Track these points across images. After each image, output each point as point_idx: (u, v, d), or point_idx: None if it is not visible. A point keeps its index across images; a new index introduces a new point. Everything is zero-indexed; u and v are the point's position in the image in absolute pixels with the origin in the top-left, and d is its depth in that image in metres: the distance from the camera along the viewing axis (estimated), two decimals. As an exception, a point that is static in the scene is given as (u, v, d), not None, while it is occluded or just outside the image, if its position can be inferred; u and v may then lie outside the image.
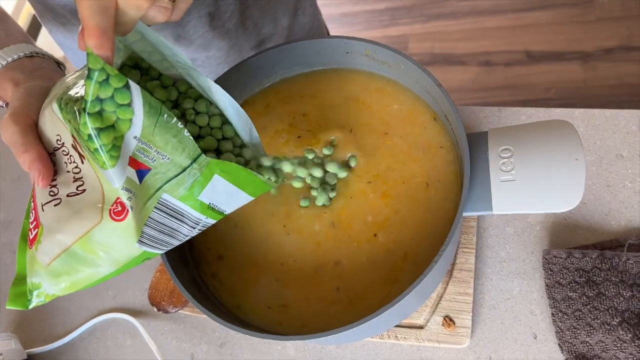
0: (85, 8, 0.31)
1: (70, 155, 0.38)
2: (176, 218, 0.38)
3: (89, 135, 0.34)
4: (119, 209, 0.36)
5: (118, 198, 0.36)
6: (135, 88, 0.34)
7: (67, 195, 0.38)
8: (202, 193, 0.38)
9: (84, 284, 0.39)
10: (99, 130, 0.34)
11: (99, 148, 0.34)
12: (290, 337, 0.41)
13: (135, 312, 0.64)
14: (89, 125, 0.33)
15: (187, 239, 0.40)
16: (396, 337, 0.54)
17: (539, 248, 0.56)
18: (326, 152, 0.50)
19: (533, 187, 0.41)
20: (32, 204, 0.41)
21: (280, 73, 0.55)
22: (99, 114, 0.33)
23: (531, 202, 0.41)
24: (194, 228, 0.40)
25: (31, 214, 0.41)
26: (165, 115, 0.36)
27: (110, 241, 0.37)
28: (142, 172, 0.36)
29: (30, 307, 0.40)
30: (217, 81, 0.52)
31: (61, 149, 0.39)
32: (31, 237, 0.40)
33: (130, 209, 0.36)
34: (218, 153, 0.42)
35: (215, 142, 0.43)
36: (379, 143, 0.50)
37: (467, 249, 0.56)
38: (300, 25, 0.74)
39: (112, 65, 0.33)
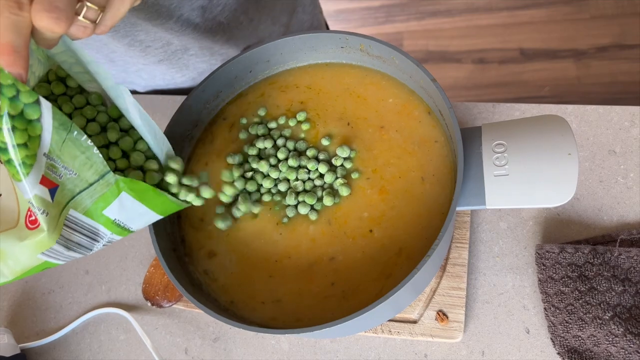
0: None
1: None
2: (81, 233, 0.38)
3: (1, 149, 0.33)
4: (33, 217, 0.36)
5: (29, 208, 0.36)
6: (45, 104, 0.34)
7: None
8: (108, 208, 0.39)
9: None
10: (13, 146, 0.33)
11: (13, 159, 0.34)
12: (284, 331, 0.41)
13: (128, 307, 0.64)
14: (0, 139, 0.33)
15: (90, 252, 0.40)
16: (390, 331, 0.54)
17: (532, 243, 0.56)
18: (325, 142, 0.50)
19: (526, 182, 0.42)
20: None
21: (276, 67, 0.55)
22: (11, 130, 0.33)
23: (524, 196, 0.42)
24: (99, 242, 0.40)
25: None
26: (75, 132, 0.36)
27: (13, 250, 0.36)
28: (53, 190, 0.37)
29: None
30: (212, 76, 0.52)
31: None
32: None
33: (41, 222, 0.36)
34: (143, 171, 0.43)
35: (143, 160, 0.43)
36: (376, 137, 0.50)
37: (460, 244, 0.56)
38: (299, 22, 0.74)
39: (26, 82, 0.32)
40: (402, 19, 1.77)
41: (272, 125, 0.52)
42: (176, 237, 0.51)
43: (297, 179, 0.49)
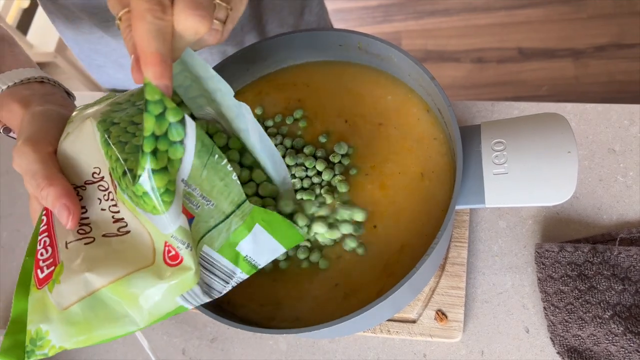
0: (143, 33, 0.28)
1: (110, 192, 0.34)
2: (213, 273, 0.34)
3: (140, 176, 0.29)
4: (173, 253, 0.32)
5: (167, 243, 0.32)
6: (190, 123, 0.30)
7: (104, 236, 0.33)
8: (241, 243, 0.35)
9: (101, 337, 0.32)
10: (153, 171, 0.29)
11: (151, 191, 0.29)
12: (282, 331, 0.41)
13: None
14: (145, 166, 0.29)
15: (219, 295, 0.35)
16: (388, 331, 0.54)
17: (532, 242, 0.56)
18: (322, 140, 0.50)
19: (525, 180, 0.41)
20: (48, 239, 0.35)
21: (273, 65, 0.55)
22: (153, 154, 0.29)
23: (524, 195, 0.41)
24: (228, 283, 0.35)
25: (42, 252, 0.35)
26: (216, 156, 0.32)
27: (149, 292, 0.31)
28: (190, 222, 0.32)
29: None
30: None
31: (97, 183, 0.35)
32: (41, 276, 0.34)
33: (185, 258, 0.31)
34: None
35: (255, 188, 0.39)
36: (374, 134, 0.50)
37: (459, 243, 0.56)
38: (306, 24, 0.74)
39: (170, 97, 0.29)
40: (400, 18, 1.76)
41: (269, 123, 0.52)
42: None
43: (294, 177, 0.49)
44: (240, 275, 0.36)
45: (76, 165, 0.36)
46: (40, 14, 1.75)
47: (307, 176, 0.49)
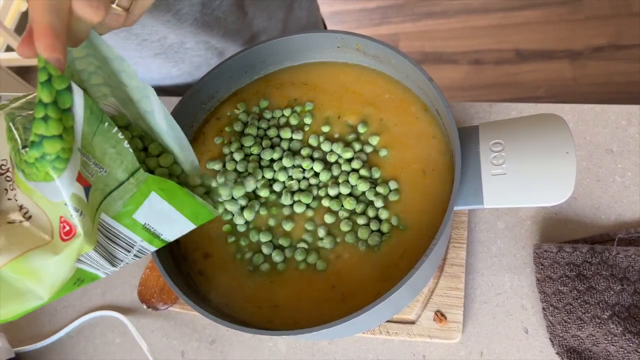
0: (37, 6, 0.29)
1: (14, 181, 0.35)
2: (111, 240, 0.35)
3: (32, 142, 0.30)
4: (67, 228, 0.33)
5: (61, 217, 0.33)
6: (77, 91, 0.31)
7: (8, 222, 0.34)
8: (138, 211, 0.35)
9: (8, 314, 0.34)
10: (42, 137, 0.30)
11: (42, 158, 0.30)
12: (282, 332, 0.41)
13: (124, 310, 0.63)
14: (37, 132, 0.30)
15: (122, 264, 0.37)
16: (388, 332, 0.54)
17: (530, 243, 0.56)
18: (321, 139, 0.50)
19: (524, 181, 0.41)
20: None
21: (272, 67, 0.55)
22: (44, 120, 0.30)
23: (522, 195, 0.41)
24: (129, 252, 0.37)
25: None
26: (107, 124, 0.33)
27: (48, 266, 0.33)
28: (87, 190, 0.33)
29: None
30: (206, 77, 0.52)
31: (4, 175, 0.35)
32: None
33: (76, 227, 0.32)
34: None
35: (157, 166, 0.40)
36: (373, 130, 0.50)
37: (458, 244, 0.56)
38: (296, 19, 0.74)
39: (64, 69, 0.30)
40: (397, 20, 1.77)
41: (263, 125, 0.52)
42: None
43: (291, 179, 0.49)
44: (142, 244, 0.37)
45: None
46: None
47: (304, 177, 0.49)
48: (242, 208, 0.48)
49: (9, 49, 1.76)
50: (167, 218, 0.37)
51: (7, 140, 0.34)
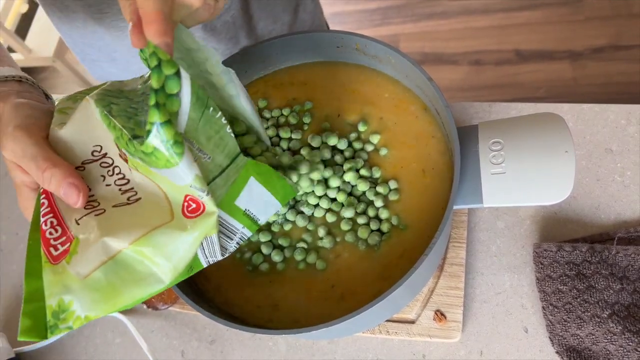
0: None
1: (115, 166, 0.35)
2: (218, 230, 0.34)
3: (149, 131, 0.29)
4: (194, 206, 0.32)
5: (187, 195, 0.32)
6: (185, 76, 0.30)
7: (114, 206, 0.33)
8: (239, 197, 0.35)
9: (128, 300, 0.32)
10: (160, 124, 0.29)
11: (161, 144, 0.30)
12: (282, 332, 0.41)
13: (124, 310, 0.63)
14: (152, 120, 0.29)
15: (227, 253, 0.35)
16: (387, 331, 0.54)
17: (530, 242, 0.56)
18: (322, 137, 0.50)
19: (523, 180, 0.41)
20: (54, 219, 0.35)
21: (271, 67, 0.55)
22: (156, 107, 0.29)
23: (521, 194, 0.41)
24: (232, 239, 0.35)
25: (50, 231, 0.34)
26: (211, 109, 0.32)
27: (174, 245, 0.31)
28: None
29: (52, 336, 0.32)
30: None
31: (99, 161, 0.35)
32: (56, 253, 0.33)
33: (205, 204, 0.32)
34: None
35: (259, 151, 0.40)
36: (373, 129, 0.50)
37: (458, 244, 0.56)
38: (300, 21, 0.74)
39: (173, 53, 0.30)
40: (398, 21, 1.77)
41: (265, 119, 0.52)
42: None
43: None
44: (243, 230, 0.36)
45: (70, 149, 0.36)
46: (39, 18, 1.75)
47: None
48: None
49: (9, 50, 1.76)
50: (263, 202, 0.37)
51: (107, 127, 0.34)
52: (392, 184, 0.47)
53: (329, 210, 0.47)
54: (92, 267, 0.31)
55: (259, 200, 0.36)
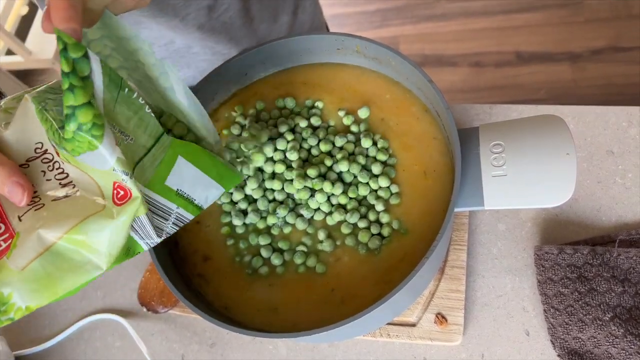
0: None
1: (55, 161, 0.35)
2: (149, 210, 0.35)
3: (67, 116, 0.30)
4: (122, 193, 0.32)
5: (115, 182, 0.32)
6: (94, 59, 0.30)
7: (53, 200, 0.34)
8: (169, 177, 0.35)
9: (67, 288, 0.33)
10: (74, 108, 0.30)
11: (79, 129, 0.30)
12: (282, 335, 0.41)
13: (124, 313, 0.63)
14: (67, 104, 0.30)
15: (164, 235, 0.36)
16: (388, 335, 0.54)
17: (531, 244, 0.56)
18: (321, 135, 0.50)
19: (524, 182, 0.41)
20: None
21: (271, 68, 0.55)
22: (70, 90, 0.30)
23: (523, 197, 0.41)
24: (167, 220, 0.36)
25: None
26: (127, 90, 0.33)
27: (104, 232, 0.32)
28: None
29: None
30: (204, 79, 0.52)
31: (41, 157, 0.35)
32: None
33: (130, 190, 0.32)
34: None
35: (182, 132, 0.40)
36: (375, 129, 0.50)
37: (459, 246, 0.56)
38: (300, 23, 0.74)
39: (81, 39, 0.30)
40: (397, 23, 1.77)
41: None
42: (169, 240, 0.50)
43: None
44: (179, 211, 0.36)
45: (15, 148, 0.36)
46: (39, 20, 1.75)
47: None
48: (247, 178, 0.48)
49: (9, 52, 1.76)
50: (198, 182, 0.37)
51: (41, 122, 0.34)
52: (394, 188, 0.46)
53: (329, 213, 0.47)
54: (29, 259, 0.32)
55: (193, 180, 0.36)
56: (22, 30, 1.76)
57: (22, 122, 0.36)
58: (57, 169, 0.35)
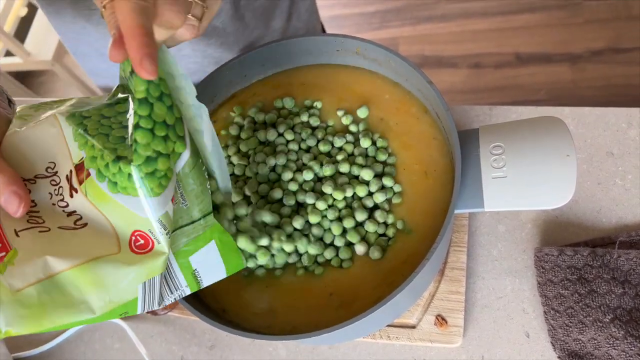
0: (127, 10, 0.28)
1: (60, 187, 0.34)
2: (164, 276, 0.34)
3: (148, 158, 0.30)
4: (142, 242, 0.32)
5: (135, 231, 0.32)
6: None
7: (60, 228, 0.33)
8: (195, 254, 0.35)
9: (53, 324, 0.31)
10: (159, 154, 0.30)
11: (153, 173, 0.30)
12: (281, 337, 0.40)
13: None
14: (154, 147, 0.30)
15: (162, 305, 0.35)
16: (388, 336, 0.54)
17: (531, 246, 0.56)
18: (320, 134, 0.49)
19: (524, 184, 0.41)
20: None
21: (270, 70, 0.55)
22: (164, 139, 0.30)
23: (523, 198, 0.41)
24: (172, 293, 0.35)
25: None
26: (200, 160, 0.33)
27: (115, 277, 0.31)
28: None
29: None
30: (204, 80, 0.52)
31: (50, 178, 0.34)
32: None
33: (155, 242, 0.31)
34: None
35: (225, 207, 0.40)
36: (374, 129, 0.50)
37: (459, 248, 0.56)
38: (293, 29, 0.74)
39: (157, 73, 0.29)
40: (396, 24, 1.77)
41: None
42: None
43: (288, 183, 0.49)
44: (185, 289, 0.36)
45: (26, 159, 0.35)
46: (38, 22, 1.75)
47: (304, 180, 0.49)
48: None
49: (8, 53, 1.76)
50: (212, 268, 0.37)
51: (79, 146, 0.33)
52: (397, 187, 0.46)
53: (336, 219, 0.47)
54: (27, 283, 0.31)
55: (210, 266, 0.36)
56: (21, 31, 1.76)
57: (42, 137, 0.35)
58: (58, 194, 0.34)
